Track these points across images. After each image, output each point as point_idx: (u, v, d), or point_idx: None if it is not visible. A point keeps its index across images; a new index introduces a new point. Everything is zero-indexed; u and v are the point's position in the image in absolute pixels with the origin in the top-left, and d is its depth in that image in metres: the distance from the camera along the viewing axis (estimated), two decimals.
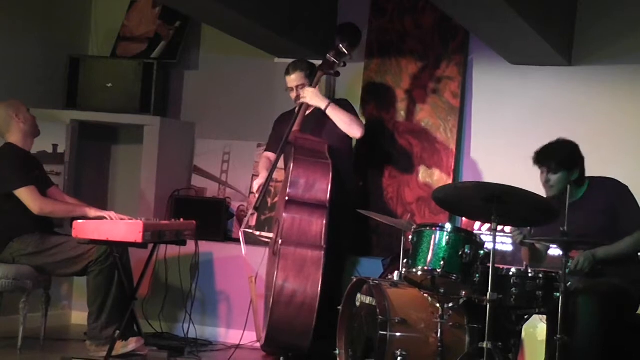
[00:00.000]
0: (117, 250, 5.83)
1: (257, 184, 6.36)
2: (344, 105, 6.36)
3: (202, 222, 6.45)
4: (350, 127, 6.22)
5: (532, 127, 6.53)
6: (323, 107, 6.23)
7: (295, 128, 6.22)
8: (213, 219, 6.98)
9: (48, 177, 6.33)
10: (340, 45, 6.26)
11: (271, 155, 6.51)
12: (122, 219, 5.86)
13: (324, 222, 5.91)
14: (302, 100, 6.29)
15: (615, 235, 5.12)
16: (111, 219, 5.82)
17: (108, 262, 5.85)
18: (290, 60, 6.69)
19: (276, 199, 6.91)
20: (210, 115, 7.41)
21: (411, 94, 6.78)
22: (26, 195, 5.90)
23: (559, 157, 5.25)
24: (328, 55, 6.30)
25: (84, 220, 5.76)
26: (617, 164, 5.46)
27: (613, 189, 5.28)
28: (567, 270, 4.87)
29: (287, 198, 5.93)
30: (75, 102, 7.19)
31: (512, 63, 6.56)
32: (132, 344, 5.84)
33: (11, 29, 6.88)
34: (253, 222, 6.74)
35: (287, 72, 6.44)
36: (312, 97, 6.26)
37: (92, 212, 5.89)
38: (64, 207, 6.03)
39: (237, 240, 6.76)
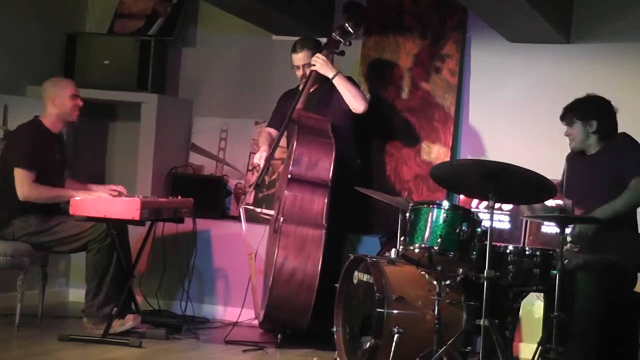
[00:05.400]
0: (114, 227, 5.83)
1: (257, 158, 6.35)
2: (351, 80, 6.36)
3: (199, 200, 6.47)
4: (355, 99, 6.21)
5: (531, 105, 6.53)
6: (331, 76, 6.22)
7: (299, 106, 6.22)
8: (211, 196, 6.98)
9: (67, 161, 6.33)
10: (346, 24, 6.27)
11: (272, 131, 6.51)
12: (112, 192, 5.88)
13: (326, 200, 5.92)
14: (311, 68, 6.27)
15: (619, 188, 5.10)
16: (99, 197, 5.81)
17: (107, 241, 5.85)
18: (287, 38, 6.68)
19: (274, 177, 6.91)
20: (207, 92, 7.39)
21: (409, 71, 6.76)
22: (20, 178, 5.88)
23: (572, 107, 5.30)
24: (333, 34, 6.30)
25: (82, 198, 5.76)
26: None
27: (619, 140, 5.28)
28: (571, 237, 4.90)
29: (289, 176, 5.94)
30: (72, 80, 7.16)
31: (510, 41, 6.55)
32: (129, 322, 5.86)
33: (7, 6, 6.84)
34: (251, 200, 6.74)
35: (294, 50, 6.42)
36: (322, 66, 6.25)
37: (81, 195, 5.87)
38: (49, 194, 5.97)
39: (235, 218, 6.79)
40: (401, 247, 5.14)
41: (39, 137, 6.01)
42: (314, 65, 6.26)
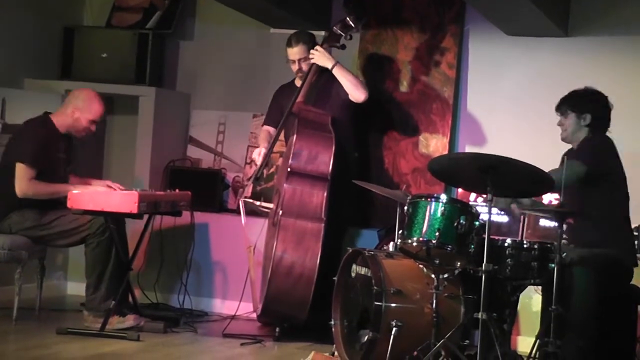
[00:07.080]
0: (113, 221, 5.83)
1: (255, 153, 6.35)
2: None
3: (197, 193, 6.47)
4: (356, 88, 6.21)
5: (528, 98, 6.53)
6: (330, 67, 6.22)
7: (299, 99, 6.21)
8: (208, 189, 6.98)
9: (71, 159, 6.31)
10: (347, 18, 6.27)
11: (271, 129, 6.50)
12: (110, 186, 5.87)
13: (325, 194, 5.92)
14: (310, 60, 6.27)
15: (590, 184, 5.07)
16: (96, 191, 5.80)
17: (106, 235, 5.85)
18: (285, 31, 6.67)
19: (272, 170, 6.91)
20: (205, 85, 7.39)
21: (408, 65, 6.76)
22: (20, 173, 5.86)
23: (568, 98, 5.27)
24: (334, 27, 6.31)
25: (79, 191, 5.76)
26: (613, 134, 5.45)
27: (593, 140, 5.24)
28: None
29: (289, 169, 5.93)
30: (70, 73, 7.17)
31: (508, 34, 6.54)
32: (129, 322, 5.85)
33: (5, 0, 6.83)
34: (249, 193, 6.74)
35: (289, 44, 6.41)
36: (320, 57, 6.25)
37: (78, 189, 5.85)
38: (46, 190, 5.95)
39: (233, 211, 6.79)
40: (399, 240, 5.14)
41: (46, 135, 5.98)
42: (312, 57, 6.25)
